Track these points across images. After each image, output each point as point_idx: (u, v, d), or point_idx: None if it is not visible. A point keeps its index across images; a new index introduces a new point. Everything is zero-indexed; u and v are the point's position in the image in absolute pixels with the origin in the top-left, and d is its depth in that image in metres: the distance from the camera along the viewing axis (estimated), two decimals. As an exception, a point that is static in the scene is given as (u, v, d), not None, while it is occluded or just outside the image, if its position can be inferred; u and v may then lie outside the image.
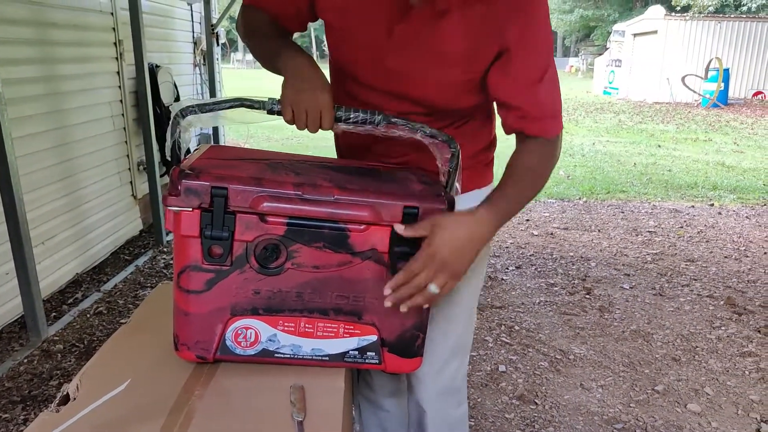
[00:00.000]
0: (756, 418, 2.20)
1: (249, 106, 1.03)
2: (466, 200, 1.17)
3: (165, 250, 3.85)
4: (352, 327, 1.06)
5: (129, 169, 3.94)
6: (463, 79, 1.08)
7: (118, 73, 3.75)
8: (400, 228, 0.98)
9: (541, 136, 1.09)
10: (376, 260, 1.02)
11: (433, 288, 0.98)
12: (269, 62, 1.10)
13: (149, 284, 3.34)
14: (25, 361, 2.52)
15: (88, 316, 2.94)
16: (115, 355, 1.16)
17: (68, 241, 3.25)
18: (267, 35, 1.14)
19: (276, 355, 1.07)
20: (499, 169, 1.19)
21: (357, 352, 1.08)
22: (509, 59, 1.03)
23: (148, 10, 3.94)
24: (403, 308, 1.00)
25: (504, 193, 1.08)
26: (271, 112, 1.04)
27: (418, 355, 1.12)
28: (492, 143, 1.30)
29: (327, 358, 1.08)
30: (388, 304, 0.99)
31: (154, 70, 4.05)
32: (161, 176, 4.11)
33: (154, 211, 3.93)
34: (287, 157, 1.19)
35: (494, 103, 1.20)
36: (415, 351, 1.11)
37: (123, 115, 3.82)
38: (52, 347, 2.63)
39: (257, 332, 1.05)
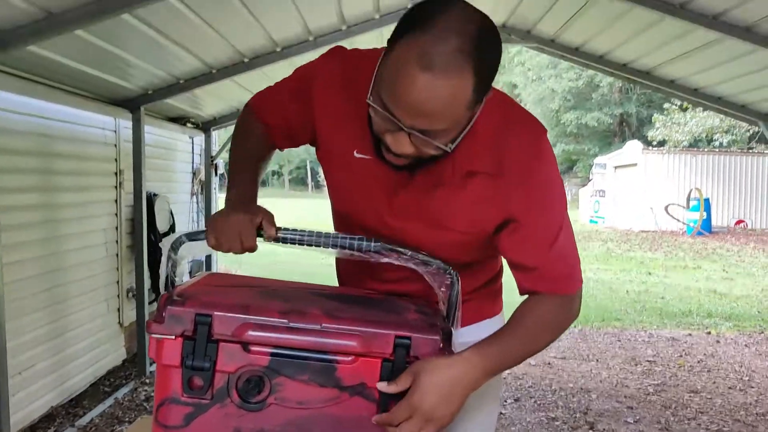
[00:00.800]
0: None
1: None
2: (475, 331, 1.11)
3: (147, 381, 3.69)
4: None
5: (118, 295, 3.88)
6: (465, 241, 1.06)
7: (116, 201, 3.82)
8: (382, 385, 0.92)
9: (557, 293, 1.04)
10: (366, 396, 0.95)
11: None
12: (230, 173, 1.10)
13: (128, 419, 3.15)
14: (-17, 507, 2.30)
15: (59, 454, 2.74)
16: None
17: (47, 371, 3.11)
18: (246, 151, 1.12)
19: (259, 500, 0.97)
20: (507, 297, 1.16)
21: None
22: (518, 227, 1.00)
23: (151, 142, 4.10)
24: None
25: (502, 341, 1.01)
26: (260, 236, 1.03)
27: None
28: (498, 273, 1.25)
29: None
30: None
31: (151, 199, 4.14)
32: (150, 303, 4.05)
33: (139, 340, 3.82)
34: (283, 285, 1.17)
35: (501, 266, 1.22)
36: None
37: (117, 241, 3.84)
38: (15, 491, 2.42)
39: (238, 474, 0.97)
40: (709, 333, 5.18)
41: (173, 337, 0.92)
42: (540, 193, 1.00)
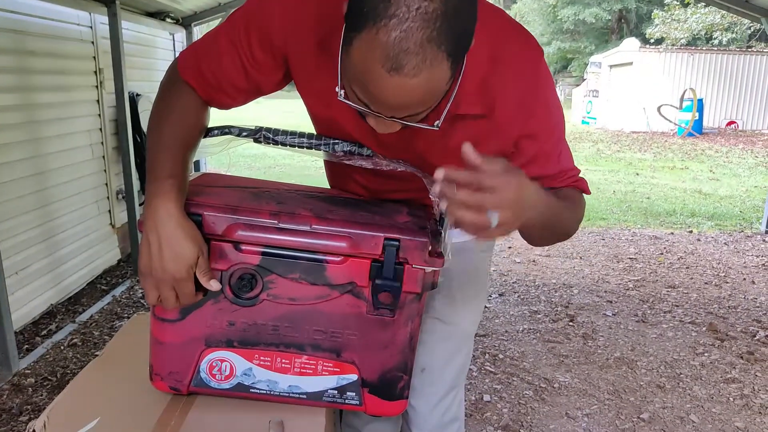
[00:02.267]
0: (741, 446, 2.19)
1: (237, 134, 1.01)
2: (462, 233, 1.14)
3: (143, 280, 3.78)
4: (331, 364, 1.02)
5: (107, 197, 3.88)
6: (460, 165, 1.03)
7: (97, 101, 3.72)
8: (468, 149, 0.78)
9: (574, 187, 1.06)
10: (355, 294, 0.98)
11: (494, 217, 0.77)
12: (152, 162, 0.95)
13: (126, 315, 3.26)
14: (-6, 396, 2.43)
15: (62, 348, 2.86)
16: (87, 388, 1.11)
17: (43, 271, 3.17)
18: (174, 132, 0.98)
19: (251, 390, 1.03)
20: None
21: (336, 392, 1.04)
22: (516, 158, 0.99)
23: (130, 39, 3.94)
24: (451, 219, 0.80)
25: (556, 201, 0.96)
26: (258, 140, 1.02)
27: (402, 398, 1.07)
28: None
29: (304, 396, 1.04)
30: (435, 190, 0.80)
31: (134, 99, 4.03)
32: (140, 205, 4.06)
33: (132, 240, 3.87)
34: (276, 186, 1.17)
35: None
36: (399, 393, 1.07)
37: (102, 143, 3.78)
38: (23, 381, 2.54)
39: (232, 365, 1.02)
40: (691, 232, 5.32)
41: None
42: (536, 125, 0.98)
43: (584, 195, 1.10)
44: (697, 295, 3.71)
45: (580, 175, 1.10)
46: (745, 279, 4.02)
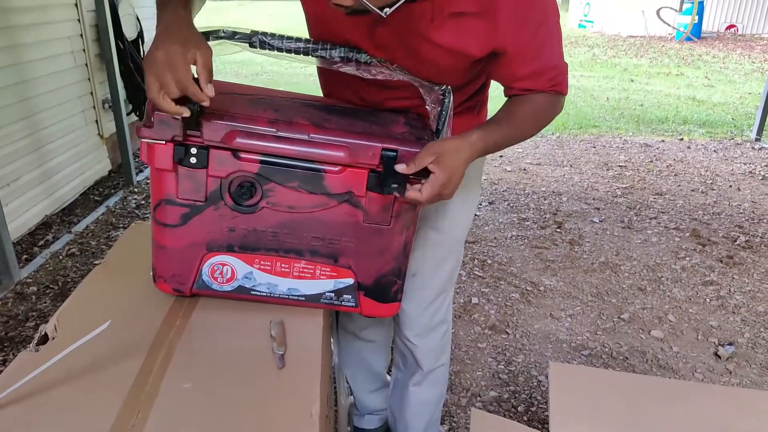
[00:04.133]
0: (714, 342, 2.33)
1: (229, 38, 0.99)
2: None
3: (136, 190, 3.79)
4: (328, 269, 1.07)
5: (93, 107, 3.80)
6: (451, 68, 1.06)
7: (75, 5, 3.55)
8: (401, 167, 0.95)
9: (547, 90, 1.10)
10: (353, 203, 1.01)
11: (446, 196, 0.99)
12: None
13: (122, 225, 3.30)
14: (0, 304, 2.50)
15: (61, 257, 2.91)
16: (93, 294, 1.16)
17: (35, 182, 3.17)
18: None
19: (252, 292, 1.08)
20: (492, 111, 1.17)
21: (333, 294, 1.09)
22: (508, 57, 1.03)
23: (104, -64, 3.70)
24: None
25: (499, 128, 1.07)
26: (252, 45, 1.00)
27: (395, 301, 1.13)
28: (484, 85, 1.26)
29: (303, 299, 1.09)
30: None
31: (114, 2, 3.85)
32: (128, 114, 3.99)
33: (122, 151, 3.83)
34: (273, 94, 1.16)
35: (487, 87, 1.23)
36: (392, 296, 1.12)
37: (84, 50, 3.65)
38: (26, 289, 2.61)
39: (233, 269, 1.06)
40: (682, 139, 5.33)
41: (164, 142, 0.93)
42: (533, 25, 1.00)
43: (564, 96, 1.15)
44: (683, 201, 3.78)
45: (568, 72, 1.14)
46: (731, 186, 4.09)
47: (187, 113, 0.88)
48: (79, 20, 3.58)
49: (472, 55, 1.02)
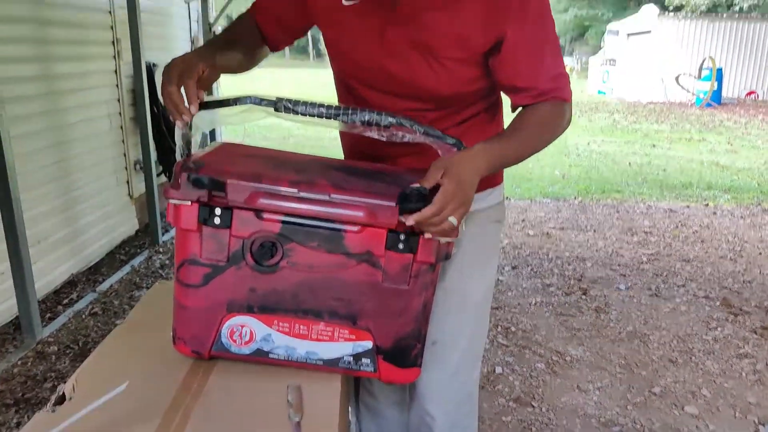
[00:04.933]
0: (754, 421, 2.20)
1: (257, 104, 1.03)
2: (477, 200, 1.17)
3: (161, 250, 3.84)
4: (346, 331, 1.05)
5: (125, 168, 3.93)
6: (459, 68, 1.10)
7: (115, 71, 3.73)
8: (414, 186, 0.97)
9: (550, 101, 1.13)
10: (372, 263, 1.01)
11: (453, 220, 0.97)
12: None
13: (145, 284, 3.33)
14: (19, 363, 2.51)
15: (83, 316, 2.93)
16: (112, 354, 1.15)
17: (64, 241, 3.23)
18: (224, 33, 1.23)
19: (270, 355, 1.06)
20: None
21: (351, 358, 1.07)
22: (509, 48, 1.07)
23: (146, 9, 3.92)
24: (427, 235, 0.99)
25: (507, 139, 1.10)
26: (278, 109, 1.03)
27: (415, 366, 1.10)
28: (498, 100, 1.29)
29: (321, 362, 1.07)
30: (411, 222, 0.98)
31: (151, 69, 4.03)
32: (158, 175, 4.11)
33: (150, 211, 3.92)
34: (295, 157, 1.19)
35: (499, 93, 1.23)
36: (412, 361, 1.09)
37: (120, 113, 3.81)
38: (47, 349, 2.62)
39: (252, 331, 1.05)
40: (707, 205, 5.27)
41: (189, 203, 0.96)
42: (530, 11, 1.06)
43: (570, 107, 1.16)
44: (712, 269, 3.70)
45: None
46: (761, 253, 3.99)
47: (188, 117, 0.97)
48: (117, 85, 3.75)
49: (478, 39, 1.06)
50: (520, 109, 1.15)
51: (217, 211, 0.98)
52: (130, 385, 1.03)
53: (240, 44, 1.16)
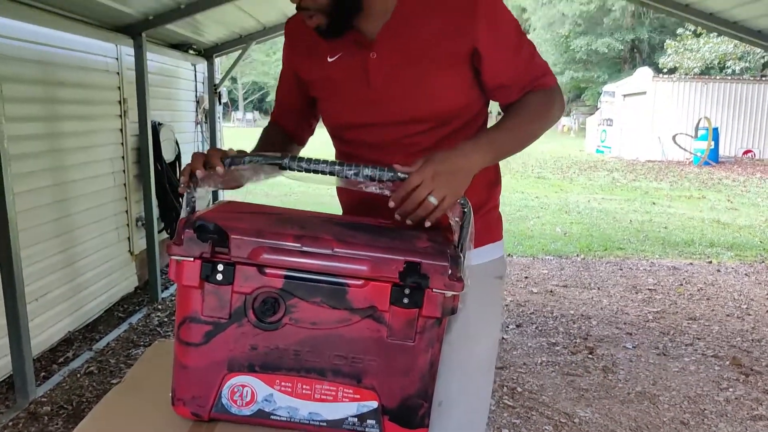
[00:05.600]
0: (770, 485, 2.12)
1: (262, 163, 1.03)
2: (478, 255, 1.16)
3: (160, 307, 3.79)
4: (351, 391, 1.02)
5: (127, 224, 3.93)
6: (447, 81, 1.13)
7: (121, 130, 3.80)
8: (398, 166, 1.01)
9: (539, 89, 1.16)
10: (376, 319, 0.99)
11: (433, 199, 0.99)
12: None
13: (143, 343, 3.27)
14: (10, 424, 2.43)
15: (79, 376, 2.86)
16: (109, 415, 1.11)
17: (62, 297, 3.20)
18: (262, 145, 1.28)
19: (272, 416, 1.03)
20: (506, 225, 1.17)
21: (356, 419, 1.03)
22: (486, 51, 1.11)
23: (154, 70, 4.03)
24: (409, 222, 1.02)
25: (500, 131, 1.12)
26: (283, 167, 1.04)
27: (422, 427, 1.06)
28: (497, 182, 1.30)
29: (325, 424, 1.03)
30: (397, 217, 1.01)
31: (156, 128, 4.11)
32: (159, 232, 4.11)
33: (150, 268, 3.89)
34: (297, 213, 1.19)
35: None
36: (419, 422, 1.05)
37: (124, 171, 3.85)
38: (40, 409, 2.54)
39: (253, 391, 1.02)
40: (711, 262, 5.25)
41: (192, 259, 0.95)
42: (492, 15, 1.11)
43: (559, 90, 1.19)
44: (719, 327, 3.64)
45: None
46: (768, 311, 3.94)
47: (202, 172, 1.01)
48: (122, 143, 3.81)
49: (456, 47, 1.10)
50: None
51: (220, 267, 0.96)
52: (125, 449, 0.99)
53: (273, 148, 1.22)
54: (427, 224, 1.02)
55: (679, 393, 2.78)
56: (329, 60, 1.16)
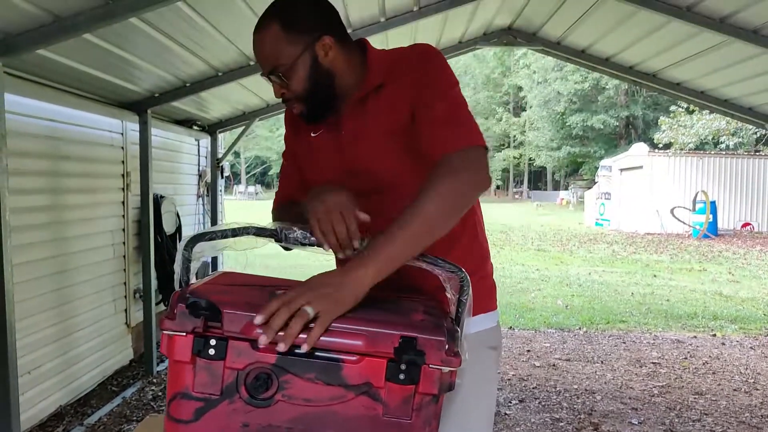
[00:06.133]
0: None
1: (257, 234, 1.04)
2: (470, 324, 1.15)
3: (154, 381, 3.71)
4: None
5: (125, 296, 3.91)
6: (406, 142, 1.17)
7: (123, 202, 3.85)
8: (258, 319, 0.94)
9: (451, 151, 1.08)
10: (371, 396, 0.96)
11: (309, 309, 0.92)
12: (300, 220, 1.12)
13: (135, 417, 3.17)
14: (-7, 504, 2.32)
15: (67, 453, 2.77)
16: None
17: (55, 370, 3.14)
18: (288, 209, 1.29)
19: (265, 499, 0.99)
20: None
21: None
22: (417, 114, 1.15)
23: (158, 145, 4.14)
24: (281, 347, 0.91)
25: (387, 233, 1.02)
26: (278, 240, 1.05)
27: None
28: (485, 254, 1.31)
29: None
30: (262, 341, 0.90)
31: (158, 200, 4.17)
32: (157, 304, 4.08)
33: (146, 340, 3.84)
34: (295, 285, 1.19)
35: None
36: None
37: (124, 243, 3.87)
38: (24, 489, 2.44)
39: (245, 473, 0.98)
40: (715, 335, 5.17)
41: (184, 333, 0.94)
42: (431, 73, 1.16)
43: (481, 156, 1.11)
44: (727, 402, 3.54)
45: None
46: (776, 386, 3.85)
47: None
48: (123, 216, 3.85)
49: (404, 111, 1.16)
50: None
51: (212, 341, 0.95)
52: None
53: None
54: (305, 348, 0.93)
55: (689, 473, 2.67)
56: (312, 135, 1.27)
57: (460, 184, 1.06)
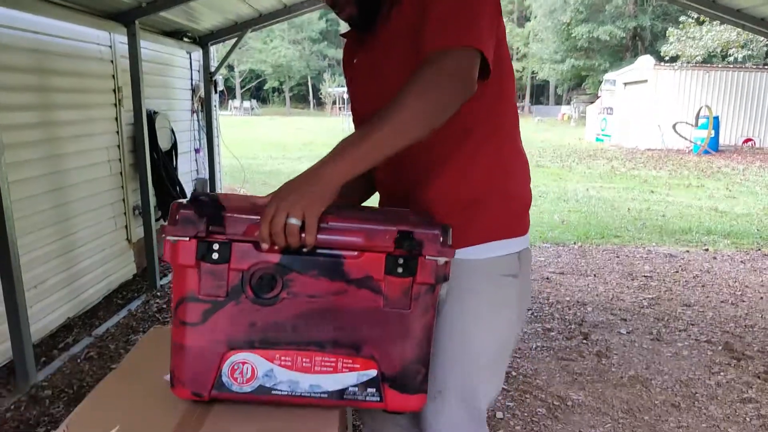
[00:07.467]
0: (759, 467, 2.15)
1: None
2: (496, 248, 1.22)
3: (158, 294, 3.82)
4: (350, 361, 1.04)
5: (124, 213, 3.94)
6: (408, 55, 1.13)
7: (116, 119, 3.80)
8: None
9: (436, 48, 1.00)
10: (372, 288, 1.01)
11: (293, 220, 0.93)
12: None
13: (141, 329, 3.29)
14: (12, 407, 2.46)
15: (79, 361, 2.89)
16: (105, 399, 1.14)
17: (61, 284, 3.22)
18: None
19: (273, 392, 1.04)
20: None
21: (356, 389, 1.05)
22: (427, 8, 1.05)
23: (148, 58, 4.02)
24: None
25: (361, 132, 0.99)
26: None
27: (421, 392, 1.08)
28: (508, 170, 1.26)
29: (326, 395, 1.05)
30: (264, 247, 0.96)
31: (152, 116, 4.11)
32: (157, 220, 4.12)
33: (148, 255, 3.92)
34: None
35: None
36: (418, 387, 1.07)
37: (120, 160, 3.85)
38: (41, 393, 2.58)
39: (254, 367, 1.03)
40: (707, 250, 5.27)
41: (187, 238, 0.96)
42: None
43: (465, 56, 1.01)
44: (713, 313, 3.66)
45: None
46: (762, 298, 3.97)
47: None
48: (117, 132, 3.81)
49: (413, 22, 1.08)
50: None
51: (216, 245, 0.98)
52: (123, 429, 1.01)
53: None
54: (308, 248, 0.97)
55: (671, 377, 2.81)
56: (354, 62, 1.29)
57: (437, 90, 0.98)
